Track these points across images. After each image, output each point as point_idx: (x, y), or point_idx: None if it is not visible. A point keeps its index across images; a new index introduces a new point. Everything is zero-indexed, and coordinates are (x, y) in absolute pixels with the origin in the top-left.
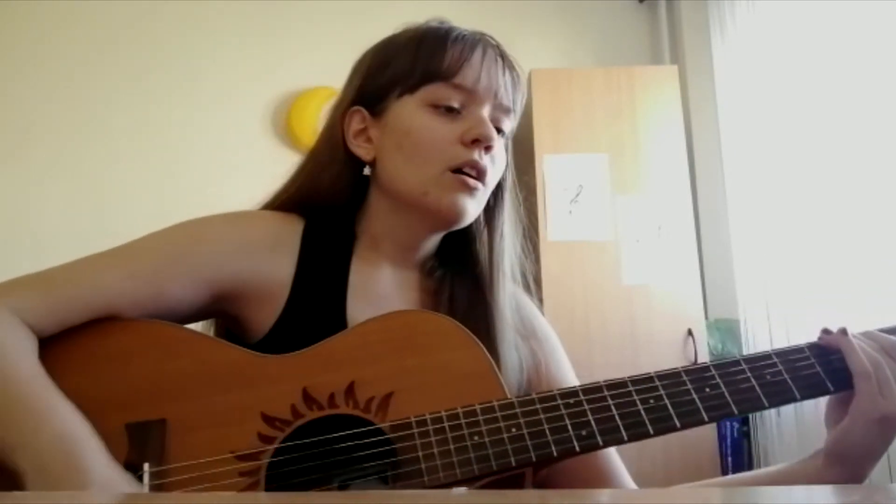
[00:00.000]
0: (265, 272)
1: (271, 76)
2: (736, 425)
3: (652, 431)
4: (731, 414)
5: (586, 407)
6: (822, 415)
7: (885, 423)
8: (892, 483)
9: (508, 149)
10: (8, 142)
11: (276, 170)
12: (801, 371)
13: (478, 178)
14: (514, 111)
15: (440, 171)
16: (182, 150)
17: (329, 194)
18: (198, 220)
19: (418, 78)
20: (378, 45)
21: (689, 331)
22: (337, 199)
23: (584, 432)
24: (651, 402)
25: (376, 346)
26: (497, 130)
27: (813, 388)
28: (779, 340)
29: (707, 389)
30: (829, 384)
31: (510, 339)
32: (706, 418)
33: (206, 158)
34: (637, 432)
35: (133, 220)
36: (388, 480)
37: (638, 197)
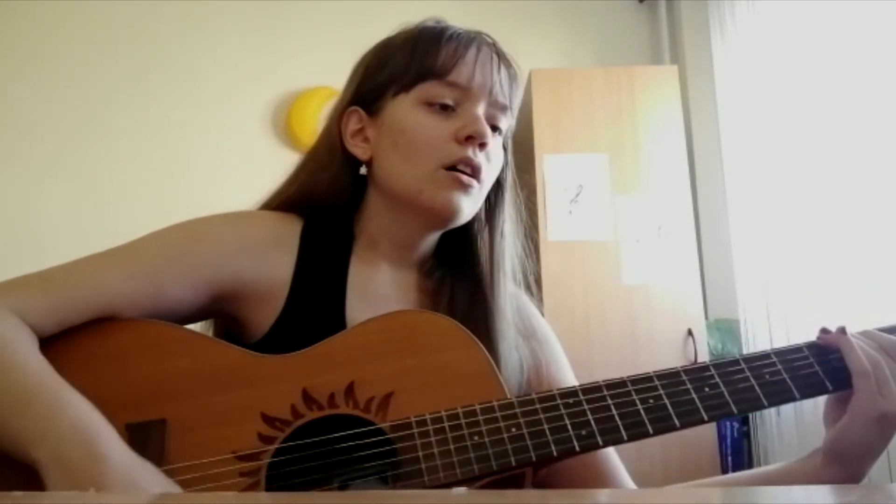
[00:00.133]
0: (264, 272)
1: (271, 76)
2: (736, 425)
3: (651, 431)
4: (730, 413)
5: (586, 407)
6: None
7: (883, 421)
8: (892, 482)
9: (508, 148)
10: (8, 142)
11: (276, 170)
12: (800, 370)
13: (472, 176)
14: (511, 108)
15: (434, 169)
16: (182, 150)
17: (327, 194)
18: (197, 221)
19: (413, 76)
20: (376, 46)
21: (689, 331)
22: (335, 199)
23: (584, 432)
24: (650, 401)
25: (376, 346)
26: (493, 128)
27: (812, 388)
28: (779, 340)
29: (706, 389)
30: (828, 383)
31: (511, 339)
32: (705, 418)
33: (206, 158)
34: (636, 432)
35: (133, 220)
36: (389, 480)
37: (638, 197)
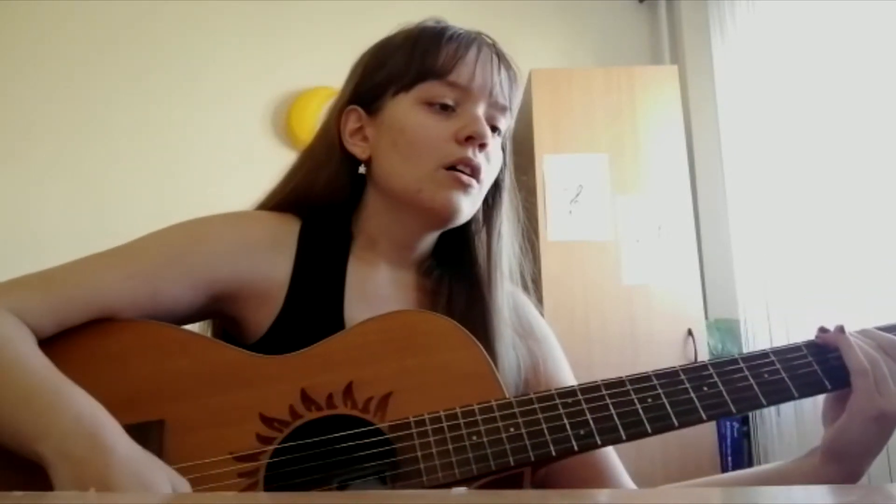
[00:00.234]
0: (263, 273)
1: (271, 76)
2: (736, 425)
3: (650, 430)
4: (728, 413)
5: (584, 406)
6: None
7: (881, 420)
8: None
9: (507, 149)
10: (8, 142)
11: (276, 170)
12: (799, 369)
13: (472, 176)
14: (511, 109)
15: (434, 169)
16: (182, 150)
17: (325, 193)
18: (197, 221)
19: (413, 76)
20: (375, 45)
21: (689, 331)
22: (333, 199)
23: (583, 432)
24: (649, 401)
25: (375, 347)
26: (492, 129)
27: (811, 387)
28: (779, 340)
29: (705, 388)
30: (827, 382)
31: (508, 338)
32: (704, 417)
33: (206, 158)
34: (635, 431)
35: (133, 220)
36: (387, 481)
37: (638, 197)
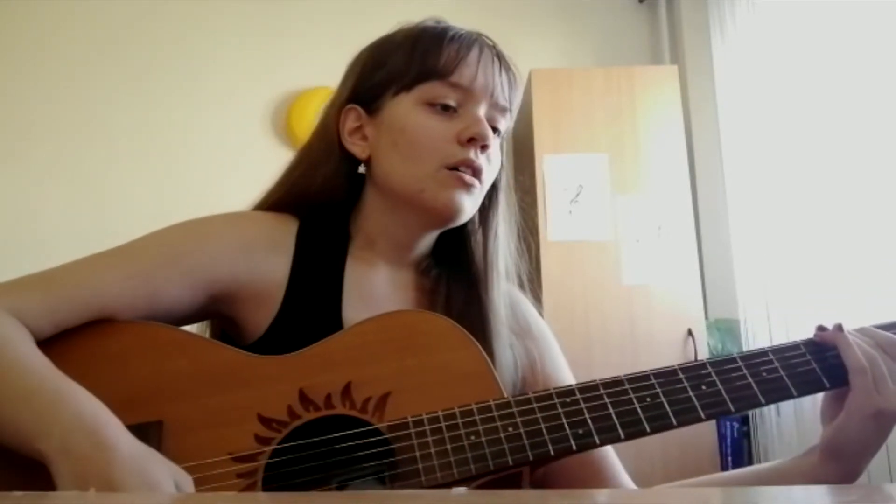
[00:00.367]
0: (261, 273)
1: (271, 76)
2: (736, 425)
3: (648, 429)
4: (727, 412)
5: (583, 406)
6: None
7: (880, 418)
8: (892, 482)
9: (503, 149)
10: (8, 142)
11: (275, 170)
12: (798, 368)
13: (474, 176)
14: (511, 111)
15: (436, 169)
16: (182, 150)
17: (323, 193)
18: (196, 221)
19: (414, 76)
20: (373, 44)
21: (689, 331)
22: (331, 198)
23: (581, 431)
24: (647, 400)
25: (373, 347)
26: (493, 129)
27: (809, 385)
28: (779, 340)
29: (703, 387)
30: (826, 380)
31: (504, 337)
32: (703, 416)
33: (206, 158)
34: (634, 431)
35: (133, 220)
36: (386, 481)
37: (638, 197)
